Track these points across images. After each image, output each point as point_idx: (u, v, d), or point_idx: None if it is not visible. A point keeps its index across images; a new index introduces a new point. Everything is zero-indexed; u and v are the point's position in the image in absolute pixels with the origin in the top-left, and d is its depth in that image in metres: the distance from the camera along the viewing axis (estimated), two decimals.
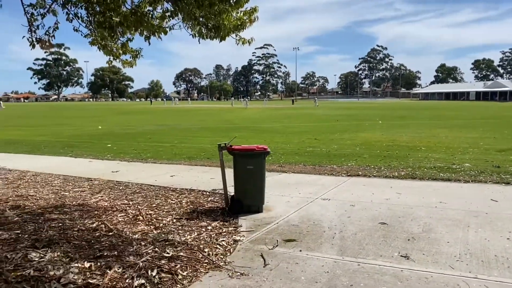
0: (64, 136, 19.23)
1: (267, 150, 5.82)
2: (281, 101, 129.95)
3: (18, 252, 3.89)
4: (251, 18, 5.92)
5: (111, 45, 6.20)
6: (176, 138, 17.63)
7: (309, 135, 18.37)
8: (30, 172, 9.41)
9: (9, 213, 5.49)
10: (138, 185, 7.95)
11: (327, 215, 5.63)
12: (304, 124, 26.44)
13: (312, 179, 8.25)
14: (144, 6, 5.67)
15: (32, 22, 4.86)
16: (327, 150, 13.03)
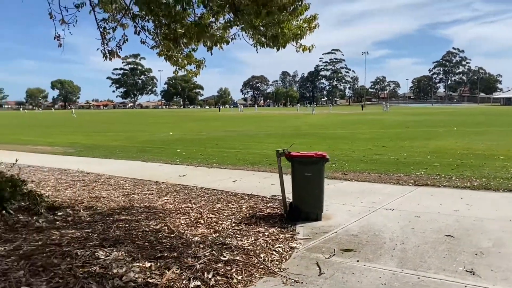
0: (138, 142, 20.34)
1: (326, 157, 5.75)
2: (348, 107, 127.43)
3: (87, 250, 4.20)
4: (311, 26, 5.92)
5: (177, 56, 6.50)
6: (242, 144, 17.95)
7: (377, 142, 17.82)
8: (104, 175, 10.07)
9: (82, 213, 5.93)
10: (202, 189, 8.20)
11: (389, 225, 5.44)
12: (372, 130, 25.70)
13: (376, 188, 8.00)
14: (208, 18, 5.89)
15: (105, 35, 5.25)
16: (395, 158, 12.57)
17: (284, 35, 5.71)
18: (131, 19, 5.37)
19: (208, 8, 5.49)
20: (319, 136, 21.62)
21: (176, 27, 5.22)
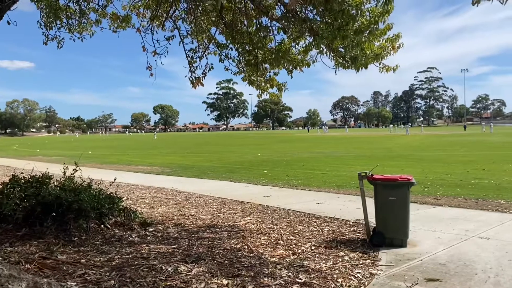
0: (228, 162, 21.10)
1: (411, 180, 5.50)
2: (447, 127, 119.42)
3: (171, 264, 4.48)
4: (394, 45, 5.80)
5: (260, 80, 6.76)
6: (328, 166, 17.74)
7: (477, 165, 16.47)
8: (195, 194, 10.62)
9: (171, 230, 6.33)
10: (285, 210, 8.27)
11: (482, 255, 5.00)
12: (472, 152, 23.81)
13: (471, 215, 7.40)
14: (289, 43, 6.08)
15: (192, 64, 5.67)
16: (497, 182, 11.51)
17: (365, 56, 5.67)
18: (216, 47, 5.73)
19: (289, 33, 5.66)
20: (412, 159, 20.56)
21: (257, 53, 5.46)
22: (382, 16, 5.24)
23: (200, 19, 5.70)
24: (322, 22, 4.95)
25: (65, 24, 6.50)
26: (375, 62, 5.93)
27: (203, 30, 5.72)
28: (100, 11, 6.73)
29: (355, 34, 4.77)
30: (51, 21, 6.35)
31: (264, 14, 5.45)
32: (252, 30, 5.47)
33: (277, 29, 5.53)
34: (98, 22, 6.82)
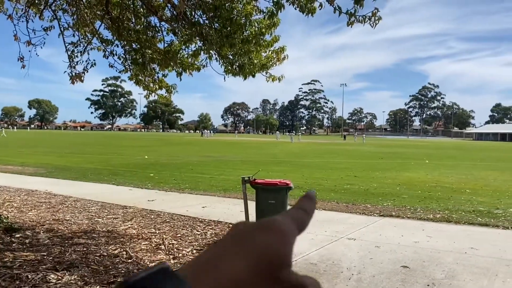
0: (112, 165, 20.07)
1: (289, 185, 5.84)
2: (326, 136, 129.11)
3: (38, 273, 4.12)
4: (279, 57, 6.11)
5: (148, 81, 6.59)
6: (217, 170, 17.92)
7: (350, 171, 18.07)
8: (72, 198, 9.89)
9: (41, 236, 5.81)
10: (170, 214, 8.14)
11: (349, 255, 5.51)
12: (346, 160, 26.06)
13: (342, 218, 8.10)
14: (179, 45, 6.03)
15: (72, 59, 5.30)
16: (365, 188, 12.76)
17: (252, 64, 5.88)
18: (100, 43, 5.45)
19: (179, 36, 5.62)
20: (294, 165, 21.79)
21: (144, 52, 5.32)
22: (270, 28, 5.51)
23: (83, 11, 5.36)
24: (211, 28, 5.02)
25: None
26: (262, 72, 6.19)
27: (87, 23, 5.39)
28: None
29: (242, 43, 4.93)
30: None
31: (153, 14, 5.34)
32: (141, 28, 5.31)
33: (167, 30, 5.45)
34: None
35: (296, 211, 0.43)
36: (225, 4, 4.52)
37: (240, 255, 0.34)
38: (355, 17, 4.62)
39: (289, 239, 0.38)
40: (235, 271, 0.33)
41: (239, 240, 0.36)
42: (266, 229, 0.37)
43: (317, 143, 60.26)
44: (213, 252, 0.35)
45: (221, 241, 0.37)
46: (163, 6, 5.32)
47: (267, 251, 0.35)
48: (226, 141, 65.05)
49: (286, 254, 0.36)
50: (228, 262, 0.34)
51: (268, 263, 0.35)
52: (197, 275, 0.33)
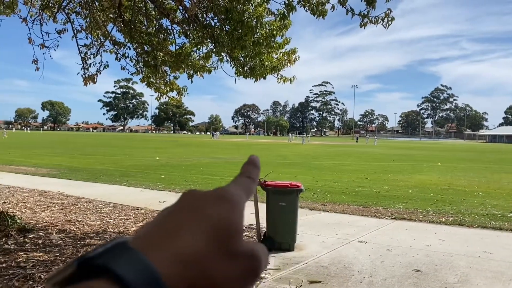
0: (123, 166, 20.21)
1: (300, 187, 5.82)
2: (337, 138, 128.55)
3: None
4: (290, 58, 6.10)
5: (160, 83, 6.63)
6: (227, 171, 17.94)
7: (361, 174, 17.97)
8: (84, 199, 9.98)
9: (54, 236, 5.88)
10: None
11: (360, 258, 5.47)
12: (357, 162, 25.91)
13: (353, 220, 8.05)
14: (190, 48, 6.06)
15: (86, 61, 5.36)
16: (377, 191, 12.67)
17: (263, 66, 5.88)
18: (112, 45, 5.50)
19: (190, 38, 5.65)
20: (305, 167, 21.72)
21: (156, 55, 5.35)
22: (280, 30, 5.51)
23: (96, 14, 5.41)
24: (222, 30, 5.03)
25: None
26: (273, 73, 6.18)
27: (99, 26, 5.44)
28: None
29: (253, 45, 4.93)
30: None
31: (165, 16, 5.37)
32: (152, 31, 5.34)
33: (178, 33, 5.48)
34: None
35: (244, 179, 0.43)
36: (236, 6, 4.54)
37: (195, 227, 0.34)
38: (368, 18, 4.60)
39: (240, 207, 0.38)
40: (192, 243, 0.33)
41: (192, 211, 0.36)
42: (218, 199, 0.37)
43: (328, 145, 60.03)
44: (167, 223, 0.35)
45: (173, 212, 0.36)
46: (175, 9, 5.35)
47: (222, 221, 0.35)
48: (236, 142, 65.12)
49: (238, 223, 0.37)
50: (184, 234, 0.34)
51: (223, 233, 0.35)
52: (155, 249, 0.32)
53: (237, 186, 0.41)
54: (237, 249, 0.35)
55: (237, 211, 0.37)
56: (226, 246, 0.35)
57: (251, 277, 0.36)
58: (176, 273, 0.31)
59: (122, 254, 0.31)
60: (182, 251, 0.32)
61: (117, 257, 0.30)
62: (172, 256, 0.32)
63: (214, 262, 0.33)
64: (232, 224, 0.36)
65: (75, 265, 0.30)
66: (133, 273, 0.30)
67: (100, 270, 0.30)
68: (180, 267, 0.32)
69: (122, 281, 0.29)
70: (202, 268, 0.33)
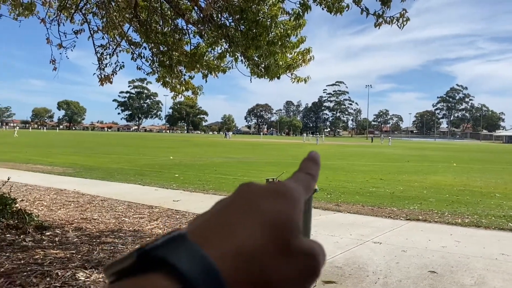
0: (138, 165, 20.39)
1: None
2: (351, 138, 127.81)
3: (68, 270, 4.22)
4: (305, 58, 6.09)
5: (175, 82, 6.68)
6: (241, 171, 17.98)
7: (375, 174, 17.83)
8: (99, 197, 10.10)
9: (70, 234, 5.96)
10: (194, 215, 8.12)
11: (374, 259, 5.43)
12: (371, 163, 25.72)
13: (367, 221, 8.00)
14: (205, 48, 6.09)
15: (102, 61, 5.42)
16: (391, 191, 12.56)
17: (277, 66, 5.88)
18: (128, 45, 5.56)
19: (205, 38, 5.68)
20: None
21: (171, 55, 5.39)
22: (295, 30, 5.50)
23: (112, 15, 5.48)
24: (237, 30, 5.05)
25: None
26: (287, 73, 6.18)
27: (115, 26, 5.51)
28: None
29: (268, 45, 4.93)
30: None
31: (180, 16, 5.41)
32: (168, 31, 5.38)
33: (193, 33, 5.52)
34: None
35: (304, 175, 0.42)
36: (251, 6, 4.55)
37: (253, 222, 0.34)
38: (383, 18, 4.57)
39: (299, 204, 0.38)
40: (251, 239, 0.33)
41: (249, 205, 0.35)
42: (278, 194, 0.36)
43: (341, 145, 59.73)
44: (224, 217, 0.35)
45: (229, 205, 0.36)
46: (190, 9, 5.39)
47: (280, 218, 0.34)
48: (250, 142, 65.17)
49: (297, 220, 0.36)
50: (242, 229, 0.33)
51: (282, 229, 0.34)
52: (213, 243, 0.32)
53: (296, 182, 0.40)
54: (295, 247, 0.34)
55: (296, 208, 0.36)
56: (284, 243, 0.34)
57: (310, 276, 0.34)
58: (235, 269, 0.31)
59: (181, 247, 0.31)
60: (241, 247, 0.32)
61: (176, 250, 0.30)
62: (231, 251, 0.32)
63: (273, 259, 0.32)
64: (290, 220, 0.35)
65: (135, 256, 0.30)
66: (192, 267, 0.29)
67: (159, 263, 0.30)
68: (239, 263, 0.31)
69: (181, 275, 0.29)
70: (260, 265, 0.32)
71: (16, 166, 17.73)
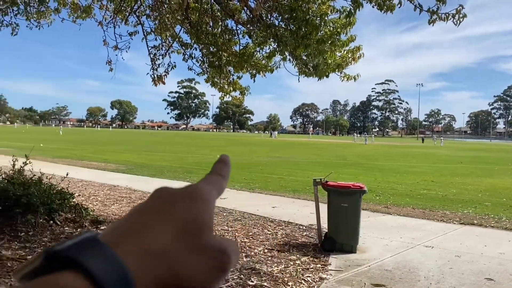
0: (186, 163, 20.89)
1: (363, 188, 5.69)
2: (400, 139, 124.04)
3: None
4: (355, 56, 5.99)
5: (223, 82, 6.78)
6: (286, 171, 17.95)
7: (426, 176, 17.22)
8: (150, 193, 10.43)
9: None
10: (241, 213, 8.30)
11: (426, 263, 5.25)
12: (422, 164, 24.85)
13: (418, 224, 7.75)
14: (254, 48, 6.14)
15: (155, 61, 5.61)
16: (443, 194, 12.09)
17: (326, 65, 5.82)
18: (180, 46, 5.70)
19: (254, 38, 5.72)
20: (366, 167, 21.19)
21: (221, 55, 5.48)
22: (345, 28, 5.42)
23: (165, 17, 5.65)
24: (286, 29, 5.04)
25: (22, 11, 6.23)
26: (337, 71, 6.10)
27: (168, 27, 5.67)
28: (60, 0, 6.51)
29: (317, 44, 4.89)
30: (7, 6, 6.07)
31: (230, 17, 5.49)
32: (217, 32, 5.48)
33: (242, 33, 5.57)
34: (57, 11, 6.59)
35: (215, 176, 0.44)
36: (301, 5, 4.52)
37: (163, 222, 0.35)
38: (437, 15, 4.40)
39: (210, 205, 0.39)
40: (159, 238, 0.34)
41: (163, 208, 0.37)
42: (188, 195, 0.38)
43: (391, 145, 58.12)
44: (136, 220, 0.36)
45: (142, 208, 0.37)
46: (240, 10, 5.45)
47: (191, 218, 0.36)
48: (296, 142, 64.88)
49: (208, 220, 0.38)
50: (153, 230, 0.35)
51: (192, 229, 0.36)
52: (123, 244, 0.33)
53: (208, 184, 0.42)
54: (205, 244, 0.36)
55: (206, 208, 0.38)
56: (193, 241, 0.35)
57: (219, 272, 0.36)
58: (143, 268, 0.32)
59: (90, 248, 0.31)
60: (149, 246, 0.33)
61: (85, 251, 0.31)
62: (139, 251, 0.33)
63: (181, 257, 0.34)
64: (200, 219, 0.37)
65: (43, 257, 0.30)
66: (101, 266, 0.30)
67: (69, 263, 0.30)
68: (147, 262, 0.33)
69: (90, 274, 0.29)
70: (168, 262, 0.33)
71: (73, 163, 18.67)
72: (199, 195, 0.39)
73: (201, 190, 0.40)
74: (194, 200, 0.38)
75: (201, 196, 0.39)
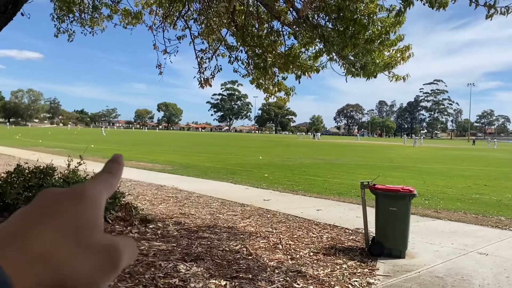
0: (229, 164, 21.10)
1: (413, 192, 5.50)
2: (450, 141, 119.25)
3: (170, 262, 4.51)
4: (404, 56, 5.82)
5: (268, 84, 6.79)
6: (330, 173, 17.72)
7: (478, 180, 16.44)
8: (195, 194, 10.63)
9: (171, 228, 6.35)
10: (285, 215, 8.27)
11: (480, 271, 5.00)
12: (473, 167, 23.76)
13: (470, 230, 7.40)
14: (299, 48, 6.10)
15: (201, 65, 5.70)
16: (498, 199, 11.50)
17: (374, 64, 5.69)
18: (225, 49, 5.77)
19: (299, 39, 5.69)
20: (414, 170, 20.53)
21: (266, 57, 5.49)
22: (394, 27, 5.28)
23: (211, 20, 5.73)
24: (334, 29, 4.97)
25: (77, 18, 6.54)
26: (385, 71, 5.96)
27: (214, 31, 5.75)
28: (112, 7, 6.77)
29: (366, 43, 4.79)
30: (64, 14, 6.39)
31: (276, 19, 5.49)
32: (263, 33, 5.49)
33: (288, 34, 5.55)
34: (110, 18, 6.86)
35: (105, 174, 0.44)
36: (349, 5, 4.44)
37: (47, 225, 0.35)
38: (495, 9, 4.19)
39: (97, 202, 0.39)
40: (43, 241, 0.33)
41: (47, 209, 0.36)
42: (73, 195, 0.38)
43: (440, 148, 56.02)
44: (18, 223, 0.35)
45: (26, 212, 0.36)
46: (286, 11, 5.44)
47: (76, 218, 0.36)
48: (339, 144, 63.93)
49: (95, 218, 0.37)
50: (35, 232, 0.34)
51: (78, 228, 0.35)
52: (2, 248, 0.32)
53: (96, 182, 0.41)
54: (92, 242, 0.35)
55: (93, 206, 0.38)
56: (80, 240, 0.35)
57: (108, 269, 0.35)
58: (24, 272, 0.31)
59: None
60: (30, 249, 0.32)
61: None
62: (20, 255, 0.32)
63: (66, 257, 0.33)
64: (86, 218, 0.36)
65: None
66: None
67: None
68: (29, 265, 0.32)
69: None
70: (52, 264, 0.33)
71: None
72: (85, 194, 0.39)
73: (87, 189, 0.40)
74: (79, 199, 0.38)
75: (87, 195, 0.39)
